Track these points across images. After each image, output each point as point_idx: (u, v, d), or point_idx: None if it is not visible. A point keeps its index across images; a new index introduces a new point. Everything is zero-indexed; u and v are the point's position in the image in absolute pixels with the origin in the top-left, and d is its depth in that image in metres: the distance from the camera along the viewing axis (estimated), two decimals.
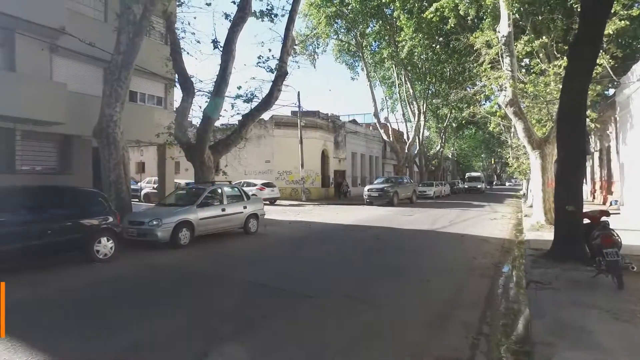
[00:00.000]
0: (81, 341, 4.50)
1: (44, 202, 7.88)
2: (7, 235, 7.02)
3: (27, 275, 7.18)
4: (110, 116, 11.17)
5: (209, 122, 13.25)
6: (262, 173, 28.53)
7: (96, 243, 8.28)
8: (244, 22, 13.65)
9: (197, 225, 10.50)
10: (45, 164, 13.29)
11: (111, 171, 11.22)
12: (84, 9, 14.20)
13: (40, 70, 12.73)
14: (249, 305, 5.83)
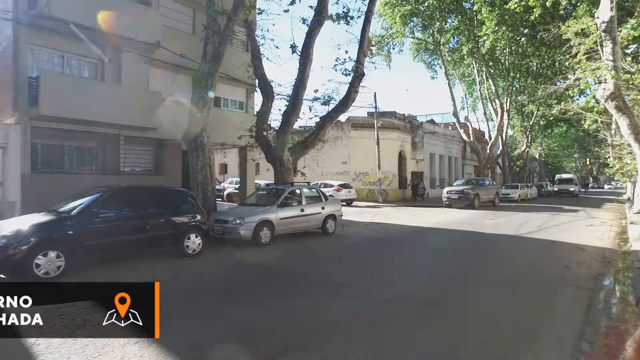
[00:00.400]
0: (174, 329, 4.86)
1: (143, 200, 8.66)
2: (115, 228, 7.85)
3: (128, 266, 7.92)
4: (198, 121, 11.96)
5: (288, 124, 13.66)
6: (338, 174, 28.76)
7: (186, 239, 8.93)
8: (321, 26, 13.87)
9: (277, 224, 10.85)
10: (143, 166, 14.63)
11: (198, 172, 12.02)
12: (175, 23, 15.38)
13: (140, 81, 14.04)
14: (326, 305, 5.86)
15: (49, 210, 7.88)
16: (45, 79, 11.28)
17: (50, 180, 11.82)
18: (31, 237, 6.78)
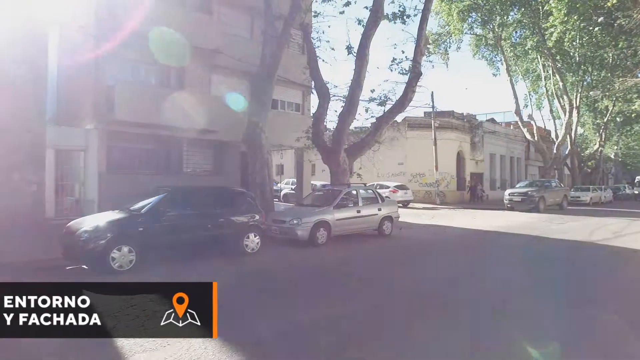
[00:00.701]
0: (234, 324, 5.02)
1: (205, 200, 9.07)
2: (179, 226, 8.29)
3: (191, 262, 8.30)
4: (256, 123, 12.32)
5: (344, 125, 13.68)
6: (394, 175, 28.34)
7: (245, 238, 9.21)
8: (377, 26, 13.77)
9: (333, 225, 10.90)
10: (203, 167, 15.33)
11: (257, 173, 12.37)
12: (233, 30, 15.96)
13: (202, 86, 14.72)
14: (383, 309, 5.78)
15: (122, 209, 8.47)
16: (119, 88, 12.18)
17: (122, 180, 12.71)
18: (108, 232, 7.36)
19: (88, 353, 4.14)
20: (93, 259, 7.31)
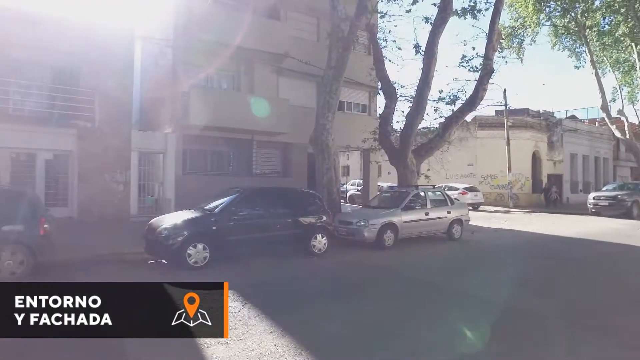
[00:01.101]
0: (302, 322, 5.06)
1: (275, 200, 9.31)
2: (250, 226, 8.59)
3: (259, 261, 8.55)
4: (323, 125, 12.42)
5: (411, 126, 13.39)
6: (464, 177, 27.20)
7: (313, 239, 9.32)
8: (445, 22, 13.31)
9: (401, 228, 10.69)
10: (272, 168, 15.78)
11: (324, 174, 12.46)
12: (300, 33, 16.25)
13: (270, 89, 15.18)
14: (452, 314, 5.53)
15: (197, 208, 8.93)
16: (194, 93, 12.90)
17: (196, 181, 13.45)
18: (184, 230, 7.80)
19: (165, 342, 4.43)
20: (171, 255, 7.79)
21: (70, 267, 7.50)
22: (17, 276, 6.53)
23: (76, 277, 7.04)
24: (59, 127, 11.48)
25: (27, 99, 11.55)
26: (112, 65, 12.21)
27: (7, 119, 10.75)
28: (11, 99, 10.95)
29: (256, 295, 6.11)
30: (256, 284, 6.82)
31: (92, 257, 8.14)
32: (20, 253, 6.63)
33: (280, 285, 6.97)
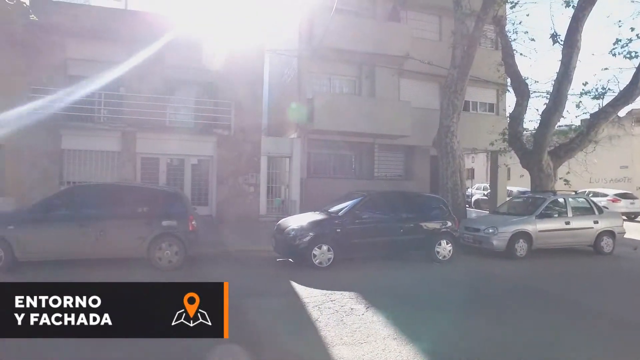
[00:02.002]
0: (423, 332, 4.88)
1: (398, 204, 9.19)
2: (373, 230, 8.65)
3: (382, 264, 8.53)
4: (448, 127, 11.91)
5: (548, 125, 12.05)
6: (614, 181, 23.58)
7: (437, 245, 9.00)
8: (593, 4, 11.69)
9: (535, 237, 9.70)
10: (393, 172, 15.65)
11: (448, 178, 11.94)
12: (421, 33, 15.85)
13: (391, 92, 15.11)
14: (608, 346, 4.80)
15: (322, 210, 9.28)
16: (318, 99, 13.48)
17: (320, 184, 14.01)
18: (310, 232, 8.16)
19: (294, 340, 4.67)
20: (298, 254, 8.22)
21: (211, 261, 8.45)
22: (173, 264, 7.60)
23: (217, 269, 7.92)
24: (203, 136, 13.02)
25: (178, 112, 13.33)
26: (245, 78, 13.42)
27: (164, 130, 12.56)
28: (167, 112, 12.74)
29: (379, 299, 6.11)
30: (379, 288, 6.83)
31: (227, 252, 9.06)
32: (175, 245, 7.67)
33: (404, 290, 6.86)
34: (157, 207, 7.81)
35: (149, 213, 7.69)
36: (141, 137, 12.69)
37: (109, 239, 7.33)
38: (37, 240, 7.11)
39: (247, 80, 13.47)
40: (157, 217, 7.66)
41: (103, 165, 12.71)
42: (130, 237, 7.47)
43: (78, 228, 7.24)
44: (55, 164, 12.31)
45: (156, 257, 7.54)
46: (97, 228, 7.27)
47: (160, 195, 8.31)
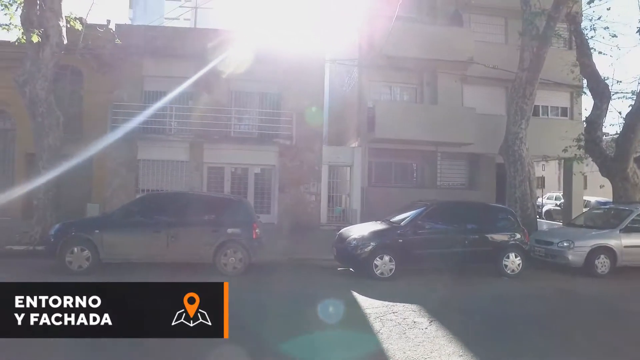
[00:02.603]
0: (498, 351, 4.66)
1: (462, 215, 8.85)
2: (436, 241, 8.39)
3: (445, 277, 8.20)
4: (516, 134, 11.30)
5: (633, 129, 11.03)
6: None
7: (505, 258, 8.49)
8: None
9: (619, 253, 8.83)
10: (457, 180, 15.13)
11: (516, 188, 11.29)
12: (486, 36, 15.26)
13: (454, 99, 14.66)
14: None
15: (383, 220, 9.16)
16: (378, 108, 13.42)
17: (381, 193, 13.87)
18: (372, 241, 8.07)
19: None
20: (359, 264, 8.16)
21: (273, 268, 8.62)
22: (237, 271, 7.86)
23: (279, 277, 8.07)
24: (265, 145, 13.44)
25: (242, 123, 13.88)
26: (306, 88, 13.70)
27: (229, 140, 13.15)
28: (232, 123, 13.32)
29: (444, 313, 5.91)
30: (443, 301, 6.59)
31: (290, 260, 9.18)
32: (240, 252, 7.94)
33: (470, 305, 6.57)
34: (223, 215, 8.16)
35: (215, 220, 8.06)
36: (208, 147, 13.38)
37: (179, 244, 7.74)
38: (117, 244, 7.67)
39: (308, 91, 13.73)
40: (222, 224, 7.98)
41: (173, 174, 13.54)
42: (198, 243, 7.85)
43: (152, 233, 7.73)
44: (132, 173, 13.31)
45: (221, 263, 7.85)
46: (169, 233, 7.72)
47: (226, 203, 8.68)
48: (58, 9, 10.26)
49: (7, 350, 3.98)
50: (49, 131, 10.15)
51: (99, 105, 13.12)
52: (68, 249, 7.55)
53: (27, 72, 10.01)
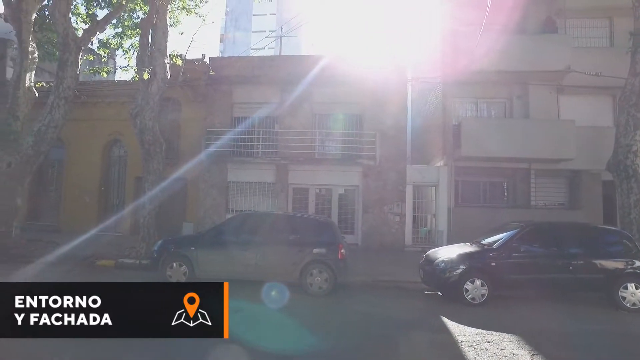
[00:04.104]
0: None
1: (565, 238, 7.99)
2: (534, 265, 7.65)
3: (550, 307, 7.46)
4: (628, 146, 10.06)
5: None
6: None
7: (621, 288, 7.45)
8: None
9: None
10: (554, 200, 13.77)
11: (631, 208, 9.95)
12: (585, 41, 14.00)
13: (548, 111, 13.55)
14: None
15: (473, 242, 8.63)
16: (465, 125, 12.84)
17: (469, 213, 13.13)
18: (461, 264, 7.63)
19: None
20: (448, 288, 7.74)
21: (358, 289, 8.49)
22: (323, 291, 7.89)
23: (365, 298, 7.89)
24: (349, 166, 13.53)
25: (326, 144, 14.15)
26: (389, 108, 13.64)
27: (313, 162, 13.48)
28: (316, 145, 13.64)
29: (547, 346, 5.36)
30: (545, 333, 5.97)
31: (375, 282, 8.99)
32: (326, 272, 7.97)
33: (580, 340, 5.84)
34: (309, 235, 8.27)
35: (301, 240, 8.18)
36: (293, 169, 13.83)
37: (267, 263, 8.00)
38: (210, 261, 8.15)
39: (391, 110, 13.67)
40: (309, 244, 8.09)
41: (260, 195, 14.17)
42: (284, 263, 8.03)
43: (241, 252, 8.08)
44: (222, 194, 14.19)
45: (307, 283, 7.93)
46: (257, 252, 8.01)
47: (312, 223, 8.80)
48: (164, 49, 11.53)
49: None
50: (154, 156, 11.27)
51: (194, 131, 14.33)
52: (168, 263, 8.21)
53: (139, 106, 11.29)
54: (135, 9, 13.84)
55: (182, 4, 13.55)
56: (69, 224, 14.70)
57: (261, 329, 5.76)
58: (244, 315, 5.93)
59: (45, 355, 4.43)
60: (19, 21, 11.43)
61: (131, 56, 14.12)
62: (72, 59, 11.61)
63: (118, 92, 15.26)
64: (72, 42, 11.59)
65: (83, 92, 13.26)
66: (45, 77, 15.97)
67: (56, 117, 11.47)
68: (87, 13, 14.00)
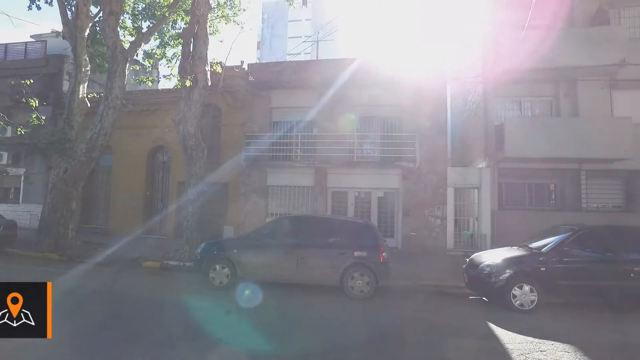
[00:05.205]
0: None
1: (623, 242, 7.48)
2: (588, 271, 7.21)
3: (601, 315, 7.04)
4: None
5: None
6: None
7: None
8: None
9: None
10: (609, 202, 12.93)
11: None
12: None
13: (600, 108, 12.80)
14: None
15: (521, 246, 8.28)
16: (508, 125, 12.34)
17: (514, 216, 12.61)
18: (508, 269, 7.33)
19: None
20: (494, 293, 7.47)
21: (401, 294, 8.33)
22: (365, 294, 7.82)
23: (409, 303, 7.73)
24: (388, 169, 13.35)
25: (364, 147, 14.02)
26: (429, 109, 13.37)
27: (352, 165, 13.39)
28: (355, 148, 13.54)
29: (606, 357, 5.02)
30: (605, 344, 5.65)
31: (417, 286, 8.79)
32: (367, 275, 7.89)
33: None
34: (350, 238, 8.22)
35: (342, 243, 8.14)
36: (332, 172, 13.82)
37: (308, 266, 8.01)
38: (251, 264, 8.25)
39: (430, 112, 13.41)
40: (349, 247, 8.04)
41: (299, 199, 14.25)
42: (325, 266, 8.01)
43: (282, 255, 8.14)
44: (262, 198, 14.37)
45: (349, 286, 7.87)
46: (298, 255, 8.04)
47: (353, 226, 8.73)
48: (205, 57, 11.87)
49: None
50: (196, 161, 11.60)
51: (234, 136, 14.64)
52: (211, 266, 8.38)
53: (181, 112, 11.67)
54: (177, 19, 14.38)
55: (222, 13, 13.93)
56: (117, 227, 15.41)
57: (303, 333, 5.78)
58: (289, 319, 5.92)
59: None
60: (74, 38, 12.23)
61: (174, 65, 14.68)
62: (120, 70, 12.20)
63: (161, 100, 15.88)
64: (120, 55, 12.18)
65: (129, 101, 13.86)
66: (96, 88, 16.84)
67: (106, 125, 12.09)
68: (134, 26, 14.71)
